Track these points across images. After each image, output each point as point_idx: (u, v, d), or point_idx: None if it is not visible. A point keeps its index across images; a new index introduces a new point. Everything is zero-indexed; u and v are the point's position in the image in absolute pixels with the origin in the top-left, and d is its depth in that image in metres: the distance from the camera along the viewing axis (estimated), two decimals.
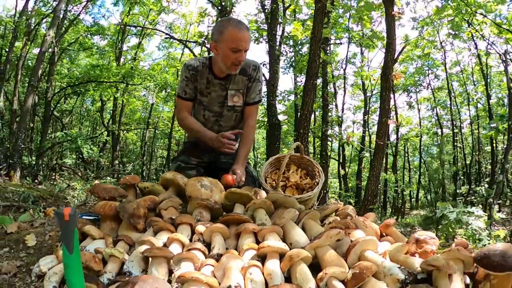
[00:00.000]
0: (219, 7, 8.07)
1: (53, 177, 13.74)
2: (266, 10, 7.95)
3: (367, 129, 15.24)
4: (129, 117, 19.78)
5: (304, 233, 1.83)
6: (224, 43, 2.64)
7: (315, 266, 1.60)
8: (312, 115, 14.60)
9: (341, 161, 14.58)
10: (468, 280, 1.64)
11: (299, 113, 5.20)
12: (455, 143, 17.42)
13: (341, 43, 11.57)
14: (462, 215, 2.65)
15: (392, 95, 16.72)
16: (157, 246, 1.65)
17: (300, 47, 8.51)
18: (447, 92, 17.78)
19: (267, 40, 7.57)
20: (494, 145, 14.51)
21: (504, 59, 11.85)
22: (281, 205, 2.11)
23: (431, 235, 1.88)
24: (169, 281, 1.51)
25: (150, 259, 1.59)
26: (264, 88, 7.29)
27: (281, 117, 13.60)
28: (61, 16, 12.40)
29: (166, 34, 11.76)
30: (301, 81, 9.77)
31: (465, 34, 13.54)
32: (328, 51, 10.91)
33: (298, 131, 4.92)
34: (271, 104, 6.85)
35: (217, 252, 1.67)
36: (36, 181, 10.51)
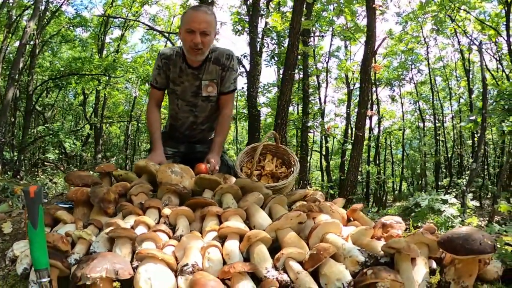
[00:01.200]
0: None
1: (36, 173, 13.53)
2: (248, 2, 7.93)
3: (350, 122, 15.34)
4: (112, 110, 19.50)
5: (269, 218, 1.85)
6: (182, 27, 2.67)
7: (279, 249, 1.62)
8: (296, 107, 14.73)
9: (324, 153, 14.67)
10: (434, 265, 1.64)
11: (277, 102, 5.22)
12: (438, 137, 17.70)
13: (323, 36, 11.61)
14: (434, 203, 2.68)
15: (374, 88, 17.02)
16: (122, 227, 1.66)
17: (282, 39, 8.49)
18: (430, 87, 18.02)
19: (248, 32, 7.60)
20: (476, 139, 14.76)
21: (479, 49, 12.10)
22: (250, 191, 2.13)
23: (397, 220, 1.89)
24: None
25: (115, 240, 1.62)
26: (245, 80, 7.35)
27: (264, 110, 13.66)
28: (43, 7, 12.14)
29: (148, 26, 11.59)
30: None
31: (448, 30, 13.73)
32: (310, 44, 10.94)
33: (276, 121, 4.95)
34: (251, 95, 6.85)
35: (181, 233, 1.69)
36: (18, 176, 10.34)
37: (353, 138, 15.60)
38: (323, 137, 13.55)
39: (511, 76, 12.78)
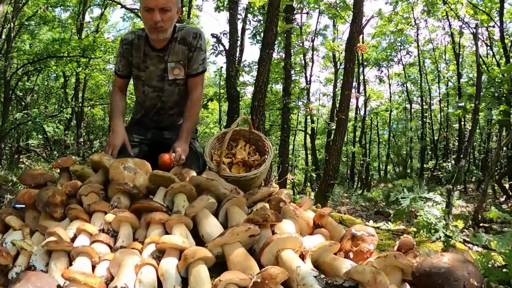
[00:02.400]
0: None
1: (21, 160, 13.17)
2: None
3: (336, 102, 15.16)
4: (94, 92, 18.95)
5: (220, 224, 1.64)
6: (140, 7, 2.47)
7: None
8: (281, 86, 14.43)
9: (309, 132, 14.48)
10: None
11: (254, 84, 4.95)
12: (424, 119, 17.68)
13: (308, 13, 11.22)
14: (417, 201, 2.46)
15: (361, 69, 16.83)
16: (57, 238, 1.48)
17: (265, 16, 8.10)
18: (419, 69, 17.91)
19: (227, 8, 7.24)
20: (462, 123, 14.76)
21: (473, 32, 11.95)
22: (206, 190, 1.91)
23: (370, 232, 1.66)
24: None
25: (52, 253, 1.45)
26: (223, 59, 7.02)
27: (250, 89, 13.34)
28: None
29: (122, 5, 11.07)
30: None
31: (440, 13, 13.49)
32: (296, 21, 10.55)
33: (253, 103, 4.67)
34: (230, 75, 6.53)
35: (121, 244, 1.49)
36: None
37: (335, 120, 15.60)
38: (307, 117, 13.33)
39: (502, 63, 12.67)
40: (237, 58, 7.00)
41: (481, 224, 4.22)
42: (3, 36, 12.20)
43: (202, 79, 2.79)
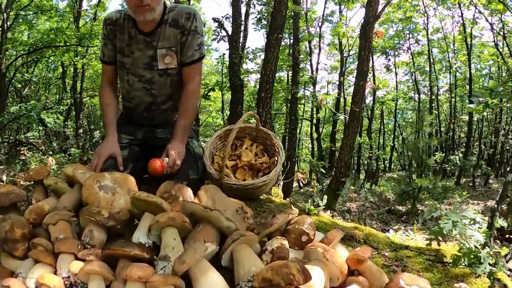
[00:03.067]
0: None
1: (22, 152, 12.83)
2: None
3: (342, 91, 14.64)
4: (94, 81, 18.51)
5: (223, 280, 1.21)
6: None
7: None
8: (286, 75, 13.94)
9: (314, 122, 14.01)
10: None
11: (260, 72, 4.48)
12: (432, 110, 17.19)
13: None
14: (459, 224, 2.01)
15: (370, 57, 16.26)
16: None
17: None
18: (426, 58, 17.35)
19: None
20: (474, 115, 14.29)
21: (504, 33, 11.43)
22: (202, 220, 1.46)
23: (423, 286, 1.25)
24: None
25: None
26: (226, 45, 6.52)
27: (253, 77, 12.80)
28: None
29: None
30: None
31: (451, 1, 12.88)
32: (302, 5, 9.95)
33: (259, 94, 4.19)
34: (233, 62, 6.04)
35: None
36: None
37: (346, 108, 15.11)
38: (314, 107, 12.82)
39: None
40: (240, 44, 6.49)
41: (506, 236, 3.80)
42: None
43: (199, 67, 2.36)
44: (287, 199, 3.85)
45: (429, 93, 18.25)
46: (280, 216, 1.49)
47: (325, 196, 3.27)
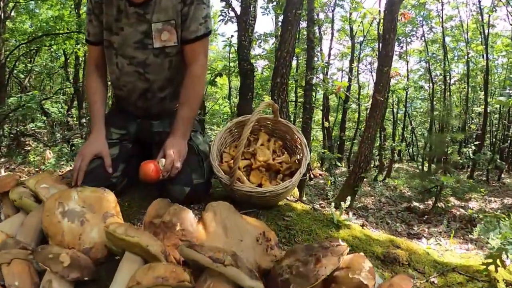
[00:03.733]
0: None
1: (27, 143, 12.52)
2: None
3: (354, 77, 14.07)
4: None
5: None
6: None
7: None
8: (294, 60, 13.38)
9: (325, 111, 13.50)
10: None
11: (275, 54, 3.98)
12: (445, 100, 16.62)
13: None
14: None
15: (379, 44, 15.66)
16: None
17: None
18: (438, 46, 16.68)
19: None
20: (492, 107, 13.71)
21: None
22: (213, 274, 0.97)
23: None
24: None
25: None
26: (234, 27, 5.93)
27: (261, 63, 12.25)
28: None
29: None
30: None
31: None
32: None
33: (274, 80, 3.68)
34: (243, 45, 5.48)
35: None
36: None
37: (359, 97, 14.56)
38: (325, 94, 12.25)
39: None
40: (250, 26, 5.94)
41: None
42: None
43: (204, 46, 1.89)
44: (304, 198, 3.43)
45: (439, 82, 17.65)
46: (328, 261, 0.98)
47: (349, 198, 2.84)
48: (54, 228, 1.07)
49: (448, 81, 17.28)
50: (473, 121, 16.87)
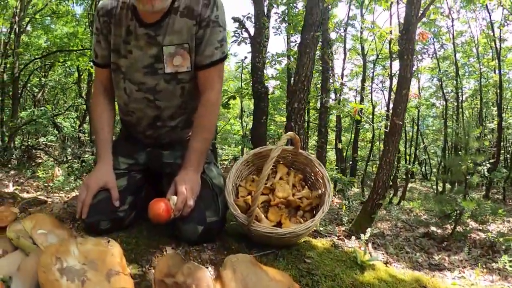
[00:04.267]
0: None
1: (38, 156, 12.59)
2: None
3: (366, 96, 13.94)
4: None
5: None
6: None
7: None
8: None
9: (338, 132, 13.37)
10: None
11: (292, 79, 3.86)
12: (458, 117, 16.37)
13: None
14: None
15: (390, 61, 15.55)
16: None
17: None
18: (449, 63, 16.55)
19: None
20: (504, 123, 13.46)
21: None
22: None
23: None
24: None
25: None
26: (248, 48, 5.91)
27: (272, 83, 12.23)
28: None
29: None
30: (295, 41, 8.22)
31: (480, 2, 12.12)
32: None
33: (291, 105, 3.53)
34: (256, 67, 5.38)
35: None
36: (9, 165, 9.44)
37: (373, 117, 14.37)
38: (338, 115, 12.14)
39: None
40: (263, 47, 5.86)
41: None
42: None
43: (220, 71, 1.76)
44: (320, 228, 3.27)
45: (451, 99, 17.46)
46: None
47: (368, 230, 2.67)
48: (51, 287, 0.94)
49: (460, 98, 17.06)
50: (486, 137, 16.60)
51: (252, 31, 5.65)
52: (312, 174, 1.88)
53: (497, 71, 14.14)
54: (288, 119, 3.63)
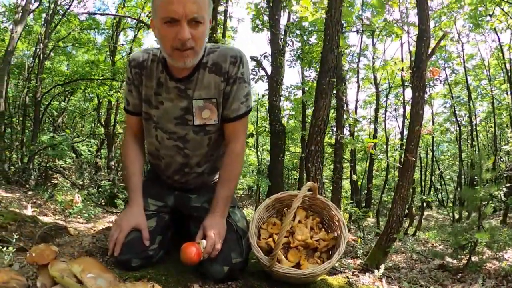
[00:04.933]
0: None
1: (54, 177, 12.89)
2: None
3: (385, 127, 13.98)
4: None
5: None
6: (157, 18, 1.61)
7: None
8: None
9: (352, 164, 13.40)
10: None
11: (310, 122, 4.02)
12: (473, 142, 16.25)
13: (358, 31, 10.06)
14: None
15: (402, 89, 15.69)
16: None
17: (308, 35, 7.14)
18: (461, 87, 16.59)
19: (268, 27, 6.35)
20: None
21: None
22: None
23: None
24: None
25: None
26: (265, 86, 6.19)
27: (286, 113, 12.42)
28: (51, 11, 11.60)
29: (140, 21, 10.63)
30: (309, 75, 8.52)
31: (489, 25, 12.31)
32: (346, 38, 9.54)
33: (308, 147, 3.70)
34: (274, 105, 5.58)
35: None
36: (27, 186, 9.69)
37: (388, 147, 14.37)
38: (358, 152, 12.20)
39: None
40: (279, 85, 6.09)
41: None
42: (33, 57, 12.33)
43: (244, 124, 1.92)
44: (336, 264, 3.35)
45: (465, 123, 17.39)
46: None
47: (382, 267, 2.77)
48: None
49: (474, 121, 16.99)
50: (502, 159, 16.38)
51: (268, 70, 5.88)
52: (329, 217, 2.02)
53: (509, 93, 14.17)
54: (305, 160, 3.77)
